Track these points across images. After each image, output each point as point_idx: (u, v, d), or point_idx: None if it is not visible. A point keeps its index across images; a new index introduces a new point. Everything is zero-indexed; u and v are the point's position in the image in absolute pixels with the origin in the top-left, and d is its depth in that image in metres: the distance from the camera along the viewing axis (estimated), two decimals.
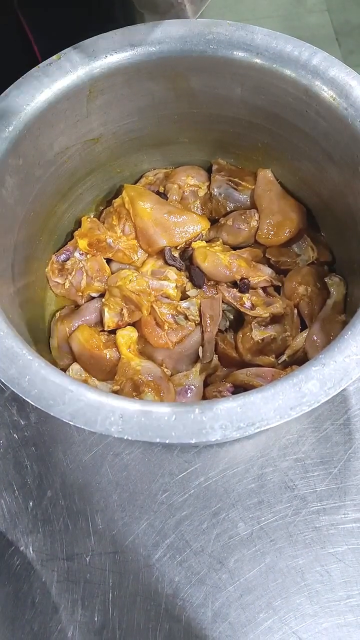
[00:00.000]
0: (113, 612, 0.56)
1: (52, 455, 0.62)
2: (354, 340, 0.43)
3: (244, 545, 0.58)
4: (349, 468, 0.60)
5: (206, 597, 0.56)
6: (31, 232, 0.61)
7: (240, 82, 0.57)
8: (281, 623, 0.55)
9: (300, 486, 0.59)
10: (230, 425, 0.41)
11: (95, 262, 0.66)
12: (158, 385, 0.59)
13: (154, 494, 0.60)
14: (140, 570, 0.57)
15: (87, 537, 0.59)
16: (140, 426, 0.42)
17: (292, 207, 0.65)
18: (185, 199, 0.69)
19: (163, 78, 0.58)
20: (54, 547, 0.58)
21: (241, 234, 0.66)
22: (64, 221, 0.67)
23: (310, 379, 0.42)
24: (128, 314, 0.62)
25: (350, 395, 0.62)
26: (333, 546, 0.57)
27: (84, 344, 0.61)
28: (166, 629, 0.55)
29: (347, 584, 0.56)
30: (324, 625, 0.55)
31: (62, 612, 0.56)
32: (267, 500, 0.59)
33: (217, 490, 0.60)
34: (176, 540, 0.58)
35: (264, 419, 0.41)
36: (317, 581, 0.56)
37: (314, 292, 0.62)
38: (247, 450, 0.61)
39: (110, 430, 0.42)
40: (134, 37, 0.55)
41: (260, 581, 0.56)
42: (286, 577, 0.56)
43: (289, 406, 0.41)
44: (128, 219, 0.65)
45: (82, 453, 0.62)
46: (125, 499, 0.60)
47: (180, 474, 0.61)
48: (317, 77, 0.52)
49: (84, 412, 0.42)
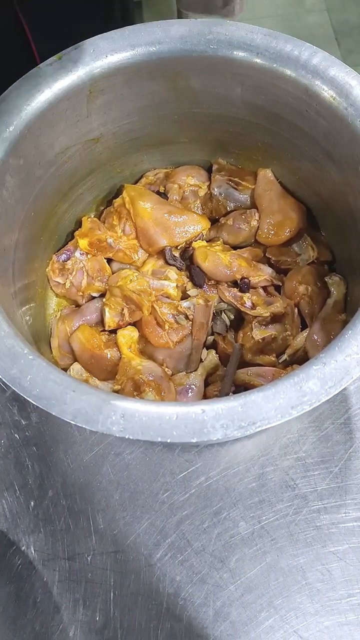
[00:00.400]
0: (114, 611, 0.56)
1: (53, 455, 0.62)
2: (355, 339, 0.43)
3: (245, 544, 0.58)
4: (349, 467, 0.60)
5: (207, 596, 0.56)
6: (32, 232, 0.61)
7: (240, 82, 0.57)
8: (282, 622, 0.55)
9: (301, 485, 0.59)
10: (231, 424, 0.41)
11: (96, 262, 0.66)
12: (159, 384, 0.59)
13: (155, 493, 0.60)
14: (142, 570, 0.57)
15: (88, 537, 0.59)
16: (141, 425, 0.42)
17: (292, 207, 0.65)
18: (185, 198, 0.69)
19: (163, 78, 0.58)
20: (55, 547, 0.59)
21: (241, 234, 0.66)
22: (65, 221, 0.67)
23: (311, 378, 0.42)
24: (129, 314, 0.62)
25: (350, 394, 0.62)
26: (334, 545, 0.57)
27: (85, 344, 0.62)
28: (167, 628, 0.56)
29: (348, 582, 0.56)
30: (325, 624, 0.55)
31: (64, 612, 0.56)
32: (268, 499, 0.59)
33: (218, 489, 0.60)
34: (177, 540, 0.58)
35: (265, 418, 0.41)
36: (318, 580, 0.56)
37: (314, 292, 0.62)
38: (248, 450, 0.61)
39: (112, 429, 0.42)
40: (134, 37, 0.55)
41: (261, 580, 0.56)
42: (287, 576, 0.56)
43: (290, 405, 0.41)
44: (128, 218, 0.65)
45: (83, 453, 0.62)
46: (127, 499, 0.60)
47: (181, 474, 0.61)
48: (317, 76, 0.53)
49: (86, 412, 0.42)
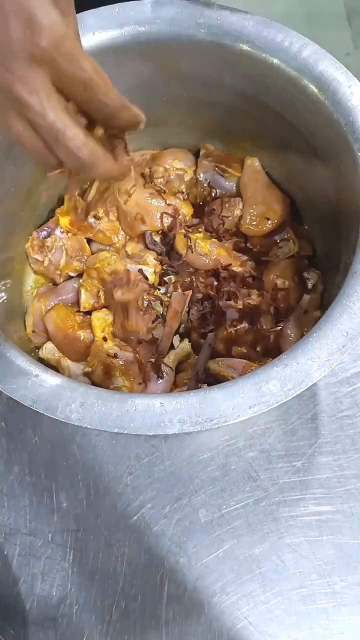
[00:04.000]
0: (72, 587, 0.58)
1: (21, 432, 0.63)
2: (318, 342, 0.44)
3: (203, 531, 0.59)
4: (312, 462, 0.60)
5: (163, 578, 0.57)
6: (11, 208, 0.60)
7: (229, 69, 0.56)
8: (233, 608, 0.56)
9: (263, 477, 0.60)
10: (188, 420, 0.42)
11: (76, 242, 0.65)
12: (129, 369, 0.59)
13: (120, 475, 0.61)
14: (101, 549, 0.58)
15: (50, 514, 0.60)
16: (99, 415, 0.42)
17: (276, 199, 0.65)
18: (170, 182, 0.68)
19: (152, 59, 0.57)
20: (18, 522, 0.60)
21: (225, 222, 0.66)
22: (47, 197, 0.66)
23: (271, 379, 0.43)
24: (104, 297, 0.62)
25: (319, 390, 0.63)
26: (290, 537, 0.58)
27: (59, 324, 0.62)
28: (122, 607, 0.57)
29: (300, 574, 0.57)
30: (275, 612, 0.56)
31: (22, 585, 0.58)
32: (230, 489, 0.60)
33: (182, 476, 0.61)
34: (138, 522, 0.59)
35: (223, 416, 0.42)
36: (272, 570, 0.57)
37: (291, 286, 0.62)
38: (214, 439, 0.61)
39: (70, 417, 0.42)
40: (123, 15, 0.54)
41: (216, 567, 0.58)
42: (242, 564, 0.58)
43: (248, 405, 0.42)
44: (111, 200, 0.65)
45: (51, 431, 0.62)
46: (91, 479, 0.61)
47: (146, 458, 0.61)
48: (306, 70, 0.52)
49: (45, 398, 0.43)
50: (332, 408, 0.62)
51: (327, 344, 0.44)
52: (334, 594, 0.57)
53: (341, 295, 0.45)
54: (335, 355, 0.43)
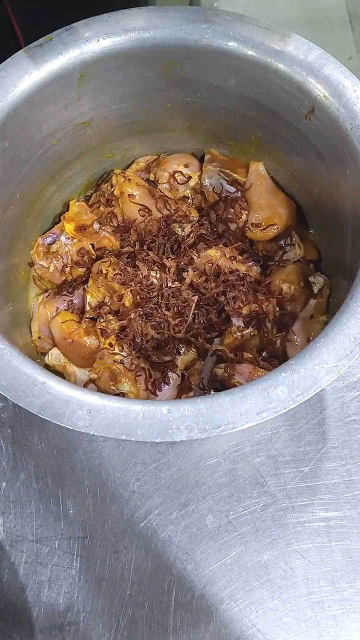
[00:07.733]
0: (78, 595, 0.57)
1: (27, 438, 0.62)
2: (326, 348, 0.43)
3: (211, 538, 0.58)
4: (320, 468, 0.60)
5: (170, 586, 0.57)
6: (17, 214, 0.60)
7: (234, 74, 0.56)
8: (241, 615, 0.56)
9: (270, 483, 0.60)
10: (196, 426, 0.41)
11: (81, 247, 0.65)
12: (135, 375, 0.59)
13: (126, 482, 0.61)
14: (108, 556, 0.58)
15: (57, 521, 0.60)
16: (107, 422, 0.42)
17: (281, 203, 0.65)
18: (175, 187, 0.68)
19: (156, 65, 0.57)
20: (24, 529, 0.59)
21: (230, 227, 0.66)
22: (52, 203, 0.66)
23: (279, 385, 0.42)
24: (110, 303, 0.62)
25: (326, 395, 0.62)
26: (298, 543, 0.58)
27: (65, 330, 0.61)
28: (129, 614, 0.57)
29: (309, 580, 0.57)
30: (284, 620, 0.56)
31: (29, 593, 0.57)
32: (237, 495, 0.60)
33: (189, 482, 0.60)
34: (145, 529, 0.59)
35: (230, 422, 0.41)
36: (280, 577, 0.57)
37: (297, 291, 0.62)
38: (220, 444, 0.61)
39: (77, 424, 0.42)
40: (128, 21, 0.54)
41: (224, 573, 0.57)
42: (250, 571, 0.57)
43: (256, 411, 0.42)
44: (116, 205, 0.65)
45: (57, 438, 0.62)
46: (98, 485, 0.61)
47: (153, 464, 0.61)
48: (311, 74, 0.51)
49: (53, 405, 0.43)
50: (340, 413, 0.62)
51: (334, 349, 0.43)
52: (342, 600, 0.56)
53: (348, 300, 0.45)
54: (343, 361, 0.43)
